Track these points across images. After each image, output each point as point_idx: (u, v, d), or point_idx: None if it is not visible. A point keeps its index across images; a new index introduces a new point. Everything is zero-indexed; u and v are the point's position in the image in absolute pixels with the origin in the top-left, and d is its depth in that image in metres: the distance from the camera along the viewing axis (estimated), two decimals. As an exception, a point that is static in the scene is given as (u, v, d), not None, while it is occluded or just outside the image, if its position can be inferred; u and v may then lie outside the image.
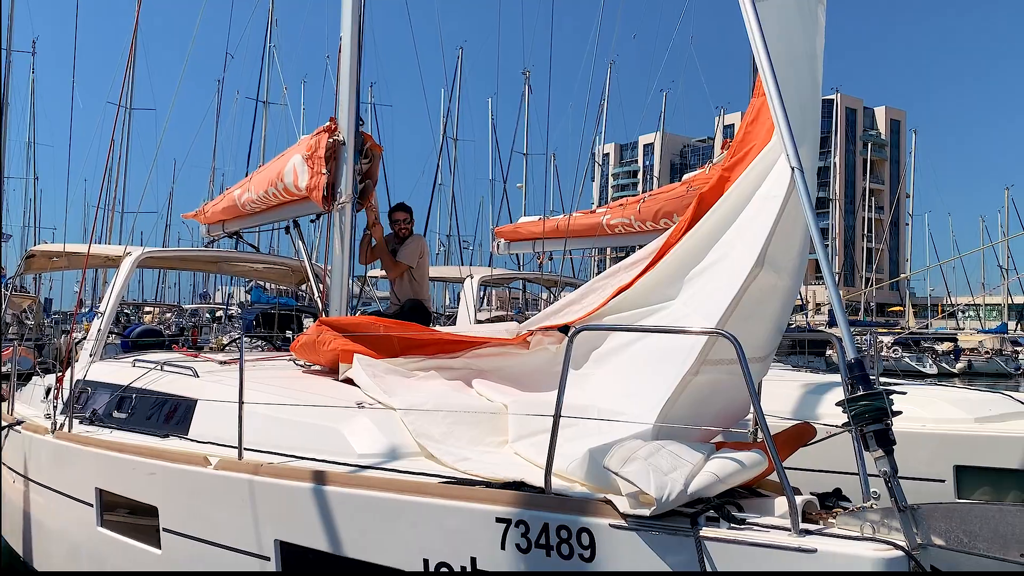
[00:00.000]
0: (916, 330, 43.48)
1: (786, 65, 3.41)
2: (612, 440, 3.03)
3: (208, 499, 4.19)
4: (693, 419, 3.30)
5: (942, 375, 35.10)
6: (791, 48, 3.63)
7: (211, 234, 9.05)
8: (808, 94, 3.68)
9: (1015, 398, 5.97)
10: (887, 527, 2.54)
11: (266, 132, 39.55)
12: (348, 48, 6.38)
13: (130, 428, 5.29)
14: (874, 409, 2.61)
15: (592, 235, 10.20)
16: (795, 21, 3.69)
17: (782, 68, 3.25)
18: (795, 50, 3.66)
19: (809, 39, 3.76)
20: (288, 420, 4.32)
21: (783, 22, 3.59)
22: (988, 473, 5.31)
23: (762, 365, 3.65)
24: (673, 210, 8.75)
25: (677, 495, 2.69)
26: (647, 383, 3.44)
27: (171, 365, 5.73)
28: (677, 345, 3.40)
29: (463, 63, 44.75)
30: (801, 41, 3.72)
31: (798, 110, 3.38)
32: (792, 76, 3.48)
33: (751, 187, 3.64)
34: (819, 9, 3.81)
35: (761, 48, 3.18)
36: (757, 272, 3.31)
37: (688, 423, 3.26)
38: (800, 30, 3.71)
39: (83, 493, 5.14)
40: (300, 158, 6.41)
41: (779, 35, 3.48)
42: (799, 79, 3.61)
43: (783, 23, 3.59)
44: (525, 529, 2.97)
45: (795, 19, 3.70)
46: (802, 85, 3.63)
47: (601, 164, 58.01)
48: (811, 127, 3.65)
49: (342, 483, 3.55)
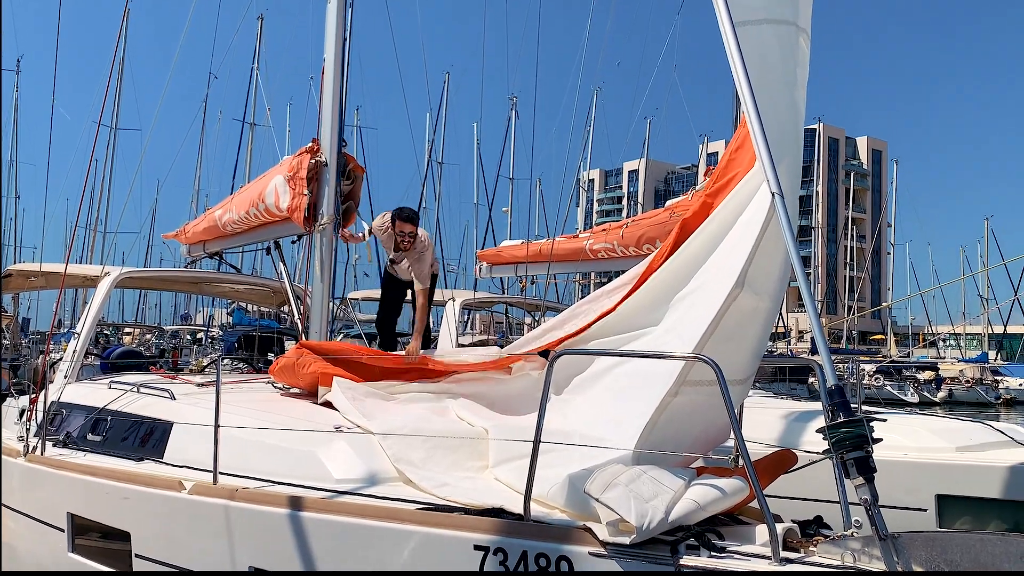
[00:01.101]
0: (898, 358, 43.72)
1: (767, 92, 3.41)
2: (593, 465, 3.00)
3: (182, 524, 4.11)
4: (673, 441, 3.28)
5: (923, 404, 35.24)
6: (772, 75, 3.64)
7: (192, 255, 8.97)
8: (789, 121, 3.68)
9: (996, 428, 5.99)
10: (868, 555, 2.51)
11: (251, 153, 39.55)
12: (331, 68, 6.38)
13: (104, 451, 5.20)
14: (855, 436, 2.59)
15: (575, 260, 10.21)
16: (775, 49, 3.71)
17: (763, 95, 3.26)
18: (776, 78, 3.67)
19: (790, 68, 3.77)
20: (265, 444, 4.25)
21: (764, 50, 3.61)
22: (970, 502, 5.31)
23: (743, 388, 3.63)
24: (656, 236, 8.77)
25: (658, 523, 2.66)
26: (628, 408, 3.42)
27: (147, 387, 5.65)
28: (658, 370, 3.38)
29: (449, 88, 44.97)
30: (782, 69, 3.73)
31: (778, 136, 3.38)
32: (772, 103, 3.48)
33: (734, 213, 3.64)
34: (801, 39, 3.83)
35: (741, 74, 3.19)
36: (737, 293, 3.30)
37: (669, 445, 3.23)
38: (780, 58, 3.73)
39: (54, 518, 5.04)
40: (282, 179, 6.38)
41: (760, 63, 3.50)
42: (780, 106, 3.62)
43: (764, 52, 3.61)
44: (503, 557, 2.92)
45: (775, 48, 3.71)
46: (783, 112, 3.64)
47: (586, 190, 58.29)
48: (792, 153, 3.65)
49: (318, 509, 3.49)
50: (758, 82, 3.25)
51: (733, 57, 3.25)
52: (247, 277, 9.85)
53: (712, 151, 49.90)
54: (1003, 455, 5.44)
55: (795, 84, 3.78)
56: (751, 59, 3.27)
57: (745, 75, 3.20)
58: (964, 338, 60.83)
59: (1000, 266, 52.59)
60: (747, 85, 3.18)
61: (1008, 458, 5.37)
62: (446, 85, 44.86)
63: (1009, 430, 5.95)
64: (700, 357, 2.94)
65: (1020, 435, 5.86)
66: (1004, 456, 5.42)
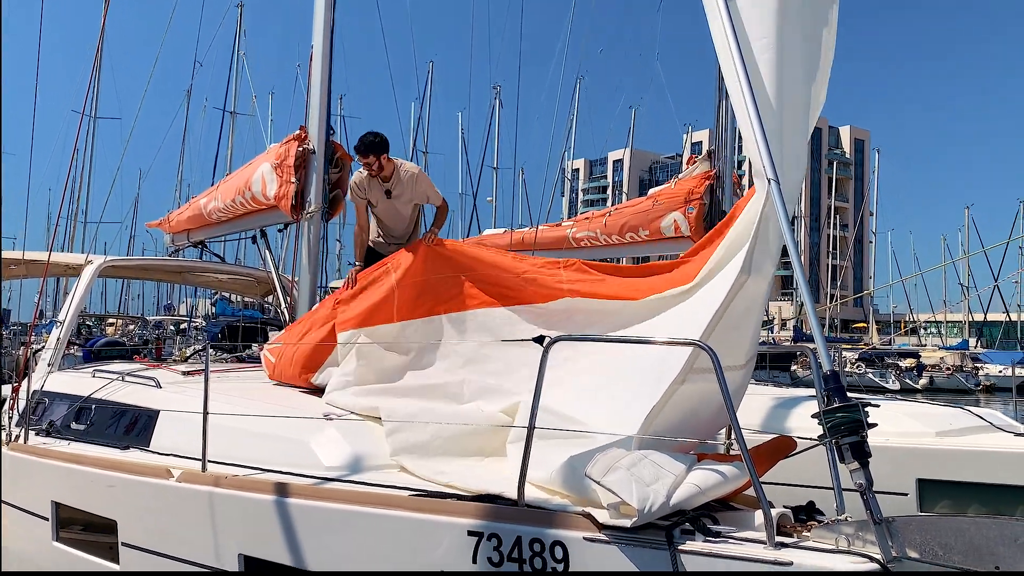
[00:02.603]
0: (880, 346, 44.06)
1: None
2: (594, 448, 2.99)
3: (170, 512, 4.07)
4: (679, 427, 3.27)
5: (904, 391, 35.54)
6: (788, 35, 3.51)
7: (176, 244, 8.92)
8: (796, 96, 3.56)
9: (975, 413, 6.05)
10: (862, 540, 2.52)
11: (233, 143, 39.24)
12: (319, 55, 6.33)
13: (89, 440, 5.15)
14: (851, 421, 2.59)
15: (558, 248, 10.18)
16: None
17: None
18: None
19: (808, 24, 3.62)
20: (253, 432, 4.22)
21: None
22: (950, 487, 5.37)
23: (746, 371, 3.61)
24: (638, 224, 8.75)
25: (659, 506, 2.66)
26: (634, 394, 3.40)
27: (132, 376, 5.60)
28: (667, 358, 3.35)
29: (433, 77, 44.82)
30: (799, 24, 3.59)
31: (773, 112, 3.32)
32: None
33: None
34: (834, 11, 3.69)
35: (733, 44, 3.14)
36: (744, 279, 3.26)
37: (673, 431, 3.22)
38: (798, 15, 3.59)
39: (38, 507, 4.99)
40: (269, 167, 6.32)
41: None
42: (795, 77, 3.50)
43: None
44: (497, 543, 2.91)
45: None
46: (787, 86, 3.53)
47: (571, 179, 58.26)
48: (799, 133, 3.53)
49: (307, 496, 3.46)
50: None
51: (725, 28, 3.19)
52: (231, 266, 9.80)
53: (696, 140, 49.96)
54: (982, 440, 5.51)
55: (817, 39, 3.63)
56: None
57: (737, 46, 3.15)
58: (945, 326, 61.38)
59: (980, 254, 53.08)
60: (738, 56, 3.12)
61: (987, 443, 5.43)
62: (430, 74, 44.76)
63: (988, 415, 6.02)
64: (698, 344, 2.93)
65: (999, 420, 5.93)
66: (984, 441, 5.49)
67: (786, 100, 3.39)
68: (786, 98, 3.40)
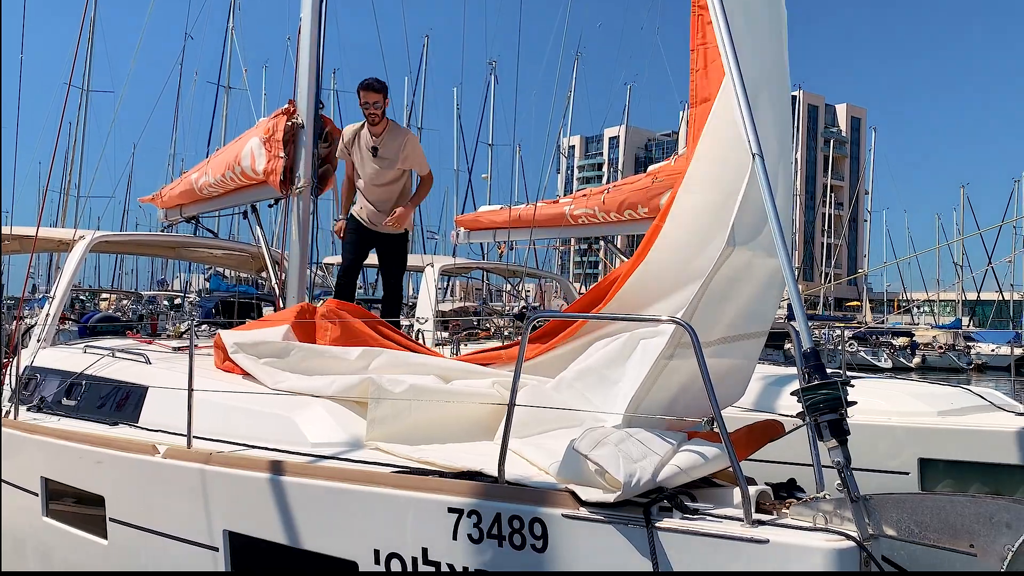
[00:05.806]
0: (874, 325, 44.20)
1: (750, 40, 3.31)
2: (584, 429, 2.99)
3: (156, 488, 4.09)
4: (671, 403, 3.26)
5: (897, 369, 35.71)
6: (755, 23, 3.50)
7: (168, 219, 8.87)
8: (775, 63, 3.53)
9: (976, 392, 6.08)
10: (840, 517, 2.54)
11: (227, 116, 39.06)
12: (308, 27, 6.26)
13: (79, 415, 5.16)
14: (830, 399, 2.60)
15: (555, 225, 10.15)
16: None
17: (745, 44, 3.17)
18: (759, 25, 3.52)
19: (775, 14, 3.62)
20: (240, 408, 4.23)
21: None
22: (952, 466, 5.40)
23: (757, 341, 3.55)
24: (637, 201, 8.70)
25: (645, 482, 2.67)
26: (621, 373, 3.39)
27: (123, 351, 5.60)
28: (648, 335, 3.33)
29: (428, 52, 44.56)
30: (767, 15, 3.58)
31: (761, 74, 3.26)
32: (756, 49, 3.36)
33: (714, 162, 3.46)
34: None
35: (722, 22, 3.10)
36: (730, 252, 3.19)
37: (666, 408, 3.21)
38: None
39: (28, 482, 5.01)
40: (258, 141, 6.28)
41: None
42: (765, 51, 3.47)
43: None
44: (477, 519, 2.93)
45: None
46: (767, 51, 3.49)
47: (567, 156, 58.09)
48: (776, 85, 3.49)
49: (292, 472, 3.48)
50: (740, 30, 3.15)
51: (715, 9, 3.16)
52: (224, 242, 9.75)
53: (693, 118, 49.67)
54: (984, 419, 5.53)
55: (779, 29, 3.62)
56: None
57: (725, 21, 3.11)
58: (938, 305, 61.57)
59: (975, 234, 53.15)
60: (727, 32, 3.09)
61: (989, 422, 5.46)
62: (425, 48, 44.50)
63: (989, 395, 6.04)
64: (675, 320, 2.93)
65: (1000, 400, 5.95)
66: (985, 420, 5.51)
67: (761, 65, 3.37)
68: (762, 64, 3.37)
